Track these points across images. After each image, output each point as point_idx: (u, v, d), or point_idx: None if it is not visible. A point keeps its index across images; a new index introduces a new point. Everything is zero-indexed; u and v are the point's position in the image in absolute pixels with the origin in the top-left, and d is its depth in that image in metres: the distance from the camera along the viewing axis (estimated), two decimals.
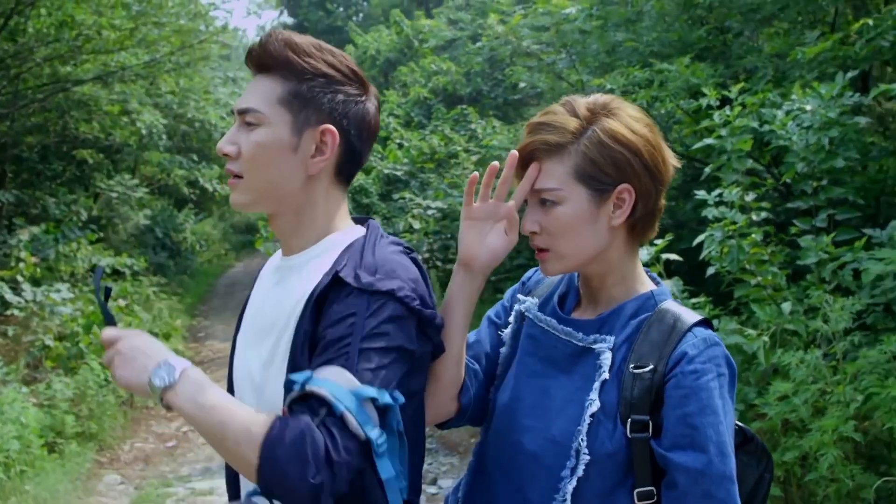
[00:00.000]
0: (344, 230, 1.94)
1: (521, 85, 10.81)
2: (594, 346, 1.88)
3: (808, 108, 5.47)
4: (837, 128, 5.40)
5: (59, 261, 12.49)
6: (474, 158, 12.10)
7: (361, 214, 2.12)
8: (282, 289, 1.92)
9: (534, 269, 2.19)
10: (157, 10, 15.55)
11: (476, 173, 1.96)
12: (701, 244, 5.29)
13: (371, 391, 1.64)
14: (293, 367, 1.77)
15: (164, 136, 17.69)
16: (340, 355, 1.68)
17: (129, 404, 9.72)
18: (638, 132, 1.89)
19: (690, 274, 6.35)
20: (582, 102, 1.92)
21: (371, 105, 1.93)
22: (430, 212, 12.17)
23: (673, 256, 5.40)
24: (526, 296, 2.11)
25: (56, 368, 9.04)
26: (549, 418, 1.88)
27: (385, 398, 1.65)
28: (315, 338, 1.76)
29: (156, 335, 11.49)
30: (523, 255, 10.55)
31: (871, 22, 6.11)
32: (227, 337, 15.17)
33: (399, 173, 14.49)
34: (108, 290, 1.86)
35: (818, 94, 5.48)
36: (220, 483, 7.64)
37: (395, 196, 13.54)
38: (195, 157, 21.62)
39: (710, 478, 1.75)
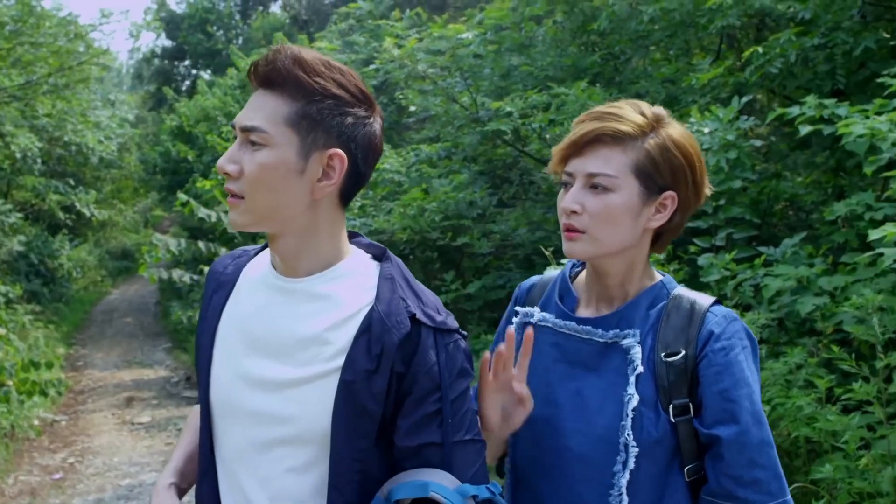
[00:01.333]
0: (351, 255, 1.93)
1: (412, 108, 10.84)
2: (622, 342, 1.92)
3: (707, 130, 5.66)
4: (734, 150, 5.60)
5: None
6: None
7: (380, 246, 2.05)
8: (291, 311, 1.87)
9: (523, 285, 2.24)
10: (34, 31, 15.14)
11: (488, 353, 1.98)
12: None
13: (472, 489, 1.78)
14: (351, 404, 1.80)
15: (39, 160, 17.17)
16: (436, 448, 1.82)
17: (10, 436, 9.37)
18: (695, 148, 1.98)
19: None
20: (646, 106, 1.98)
21: (377, 126, 1.88)
22: None
23: None
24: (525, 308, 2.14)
25: None
26: (589, 418, 1.92)
27: (484, 493, 1.79)
28: (390, 383, 1.81)
29: (36, 364, 11.14)
30: (416, 278, 10.58)
31: (760, 49, 6.35)
32: (105, 366, 14.78)
33: None
34: None
35: (716, 117, 5.68)
36: None
37: None
38: (71, 182, 21.05)
39: (751, 446, 1.84)
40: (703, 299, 1.97)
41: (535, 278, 2.25)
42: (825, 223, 5.80)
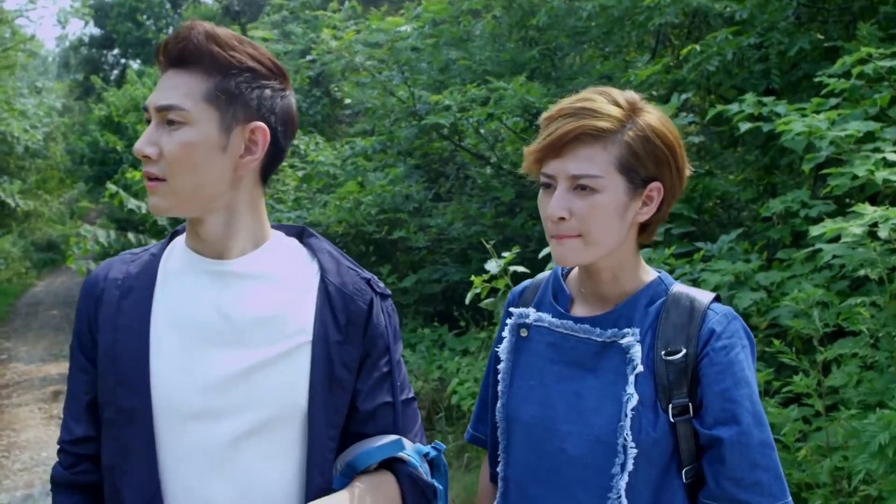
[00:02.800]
0: (275, 233, 1.94)
1: (348, 101, 10.80)
2: (621, 341, 1.87)
3: None
4: None
5: None
6: (300, 174, 11.99)
7: (296, 225, 2.04)
8: (236, 294, 1.83)
9: (515, 290, 2.19)
10: None
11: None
12: (547, 257, 5.42)
13: (425, 449, 1.93)
14: (327, 377, 1.83)
15: None
16: (389, 407, 1.92)
17: None
18: (674, 133, 1.90)
19: None
20: (618, 94, 1.90)
21: (293, 99, 1.88)
22: None
23: (521, 269, 5.50)
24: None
25: None
26: (587, 420, 1.86)
27: (433, 452, 1.95)
28: (349, 348, 1.87)
29: None
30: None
31: (698, 47, 6.43)
32: (31, 359, 14.48)
33: None
34: None
35: None
36: None
37: None
38: None
39: (752, 447, 1.79)
40: (703, 296, 1.92)
41: (526, 282, 2.19)
42: (757, 220, 5.89)
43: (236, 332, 1.81)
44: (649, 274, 1.98)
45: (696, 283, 5.11)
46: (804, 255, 4.63)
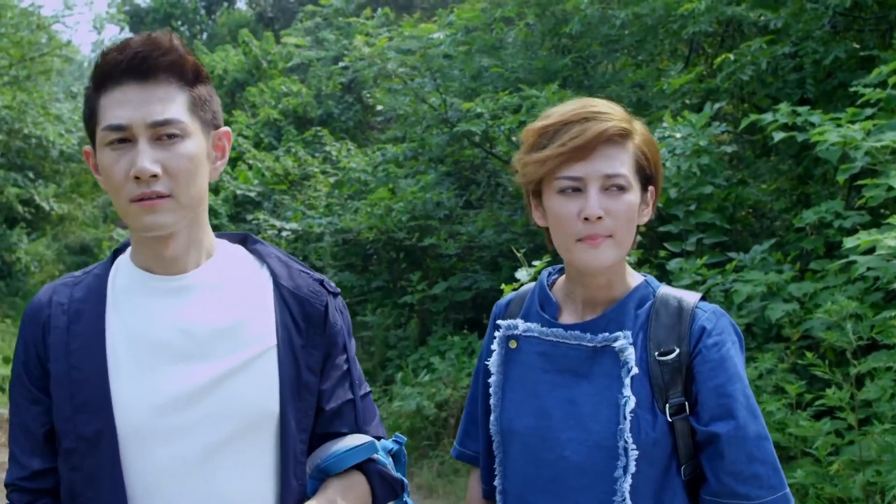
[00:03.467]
0: (220, 241, 1.92)
1: (380, 108, 10.82)
2: (613, 345, 1.88)
3: (679, 135, 5.68)
4: (706, 155, 5.62)
5: None
6: (331, 180, 12.03)
7: (238, 233, 2.02)
8: (192, 308, 1.80)
9: (500, 303, 2.19)
10: None
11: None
12: None
13: (389, 444, 1.96)
14: (296, 381, 1.83)
15: None
16: (350, 404, 1.93)
17: None
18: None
19: None
20: (607, 102, 1.94)
21: None
22: (283, 233, 12.03)
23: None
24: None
25: None
26: (585, 425, 1.88)
27: (395, 446, 1.98)
28: (313, 349, 1.87)
29: None
30: (381, 278, 10.57)
31: (731, 56, 6.39)
32: None
33: (252, 194, 14.28)
34: None
35: (689, 122, 5.70)
36: None
37: (249, 217, 13.32)
38: (30, 175, 20.76)
39: (749, 441, 1.82)
40: (689, 296, 1.95)
41: (510, 294, 2.21)
42: (790, 230, 5.85)
43: (197, 345, 1.78)
44: (635, 278, 2.00)
45: (727, 293, 5.08)
46: (838, 266, 4.59)
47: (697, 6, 6.66)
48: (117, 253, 1.92)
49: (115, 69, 1.71)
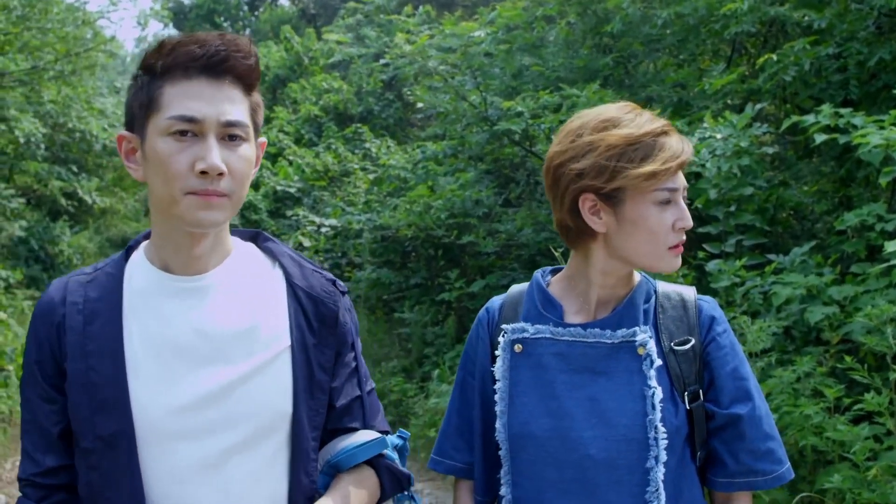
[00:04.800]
0: (234, 239, 1.96)
1: (420, 105, 10.85)
2: (635, 339, 1.93)
3: (720, 136, 5.65)
4: (747, 156, 5.59)
5: None
6: (371, 177, 12.07)
7: (249, 230, 2.04)
8: (210, 310, 1.82)
9: (491, 307, 2.19)
10: (42, 16, 15.10)
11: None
12: None
13: (397, 441, 2.02)
14: (308, 381, 1.87)
15: (43, 146, 17.12)
16: (358, 400, 1.98)
17: (9, 421, 9.33)
18: None
19: None
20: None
21: None
22: (323, 229, 12.10)
23: None
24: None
25: None
26: (609, 421, 1.91)
27: (401, 441, 2.04)
28: (325, 347, 1.91)
29: None
30: (419, 275, 10.60)
31: (774, 57, 6.34)
32: None
33: (292, 190, 14.36)
34: None
35: (730, 123, 5.67)
36: None
37: (289, 213, 13.40)
38: (74, 168, 20.98)
39: (763, 419, 1.96)
40: (686, 290, 2.07)
41: (498, 299, 2.21)
42: (831, 233, 5.79)
43: (215, 348, 1.80)
44: (635, 275, 2.08)
45: (766, 295, 5.04)
46: (879, 270, 4.55)
47: (740, 6, 6.61)
48: (129, 249, 1.92)
49: (191, 62, 1.72)
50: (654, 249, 1.93)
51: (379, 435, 1.95)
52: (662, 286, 2.06)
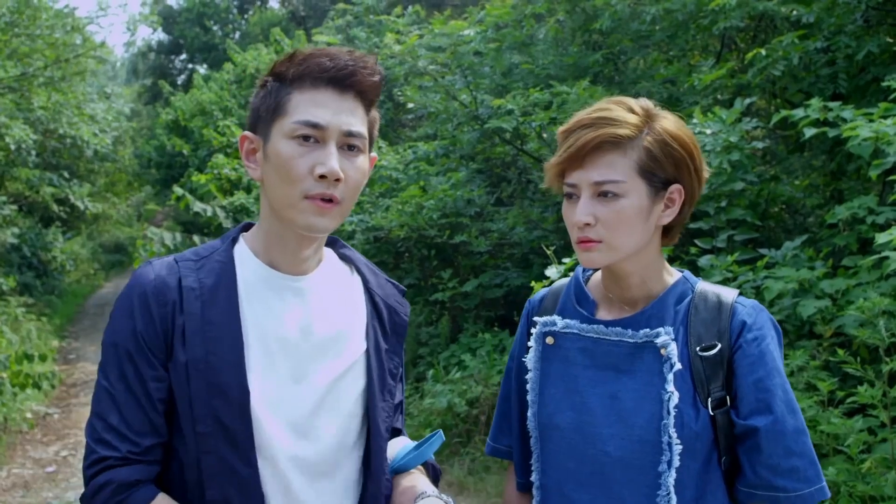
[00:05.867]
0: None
1: (411, 105, 10.83)
2: (656, 340, 1.90)
3: (709, 131, 5.66)
4: (737, 151, 5.59)
5: None
6: None
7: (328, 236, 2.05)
8: (314, 311, 1.91)
9: (533, 299, 2.23)
10: (30, 22, 15.05)
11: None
12: None
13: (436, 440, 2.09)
14: (381, 378, 1.97)
15: (34, 152, 17.06)
16: (401, 403, 2.10)
17: (4, 429, 9.32)
18: (689, 136, 1.96)
19: None
20: (633, 102, 1.95)
21: None
22: None
23: None
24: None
25: None
26: (627, 421, 1.90)
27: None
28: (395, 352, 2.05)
29: (30, 357, 11.08)
30: (412, 276, 10.59)
31: (763, 51, 6.35)
32: (98, 359, 14.64)
33: None
34: None
35: (720, 118, 5.67)
36: None
37: None
38: (65, 174, 20.93)
39: (786, 435, 1.86)
40: (728, 292, 1.98)
41: (543, 290, 2.24)
42: (823, 226, 5.80)
43: (314, 347, 1.88)
44: (673, 274, 2.03)
45: (758, 290, 5.05)
46: (870, 262, 4.56)
47: (728, 2, 6.62)
48: (231, 240, 1.96)
49: (320, 73, 1.80)
50: (574, 243, 1.95)
51: (436, 433, 2.05)
52: (703, 286, 2.00)
